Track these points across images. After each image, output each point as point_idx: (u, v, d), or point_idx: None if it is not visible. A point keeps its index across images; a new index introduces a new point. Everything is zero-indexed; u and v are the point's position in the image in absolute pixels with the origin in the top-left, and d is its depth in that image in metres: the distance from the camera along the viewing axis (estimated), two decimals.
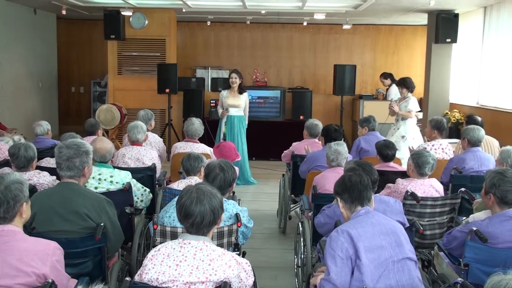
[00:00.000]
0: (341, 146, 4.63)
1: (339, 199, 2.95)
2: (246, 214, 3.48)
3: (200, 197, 2.48)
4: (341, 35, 12.72)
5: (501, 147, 5.12)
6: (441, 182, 4.60)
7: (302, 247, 4.26)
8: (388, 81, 10.60)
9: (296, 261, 4.66)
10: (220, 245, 3.15)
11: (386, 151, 4.88)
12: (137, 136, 5.34)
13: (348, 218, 2.89)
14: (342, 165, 4.53)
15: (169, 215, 3.27)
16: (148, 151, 5.33)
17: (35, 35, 11.12)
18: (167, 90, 10.04)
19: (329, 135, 5.43)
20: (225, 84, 8.48)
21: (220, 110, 8.25)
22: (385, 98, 10.84)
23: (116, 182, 4.11)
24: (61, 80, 12.73)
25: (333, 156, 4.57)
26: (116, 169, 4.25)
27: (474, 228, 3.16)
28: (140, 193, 4.40)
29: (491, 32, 9.07)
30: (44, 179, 4.16)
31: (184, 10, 10.05)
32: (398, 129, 7.38)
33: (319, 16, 10.13)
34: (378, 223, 2.79)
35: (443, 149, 5.86)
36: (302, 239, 4.28)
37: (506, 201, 3.17)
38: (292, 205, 6.03)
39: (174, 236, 3.04)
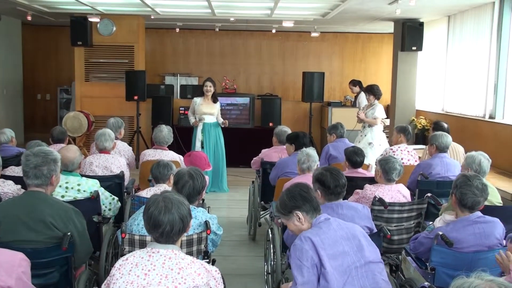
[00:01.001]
0: (312, 151, 4.69)
1: (299, 213, 2.89)
2: (215, 222, 3.47)
3: (168, 206, 2.46)
4: (310, 43, 12.84)
5: (466, 153, 5.23)
6: (408, 188, 4.67)
7: (271, 254, 4.26)
8: (356, 88, 10.73)
9: (266, 268, 4.66)
10: (190, 253, 3.13)
11: (355, 157, 4.94)
12: (105, 144, 5.27)
13: (300, 232, 2.87)
14: (312, 170, 4.58)
15: (138, 223, 3.23)
16: (116, 159, 5.27)
17: (0, 42, 10.90)
18: (136, 97, 9.95)
19: (297, 142, 5.47)
20: (198, 91, 8.43)
21: (192, 118, 8.19)
22: (353, 105, 10.97)
23: (84, 191, 4.05)
24: (26, 87, 12.50)
25: (305, 160, 4.61)
26: (83, 178, 4.19)
27: (440, 233, 3.22)
28: (108, 202, 4.34)
29: (455, 40, 9.29)
30: (8, 188, 4.07)
31: (152, 17, 10.00)
32: (365, 136, 7.49)
33: (288, 24, 10.21)
34: (339, 228, 2.81)
35: (409, 151, 6.00)
36: (271, 245, 4.28)
37: (464, 203, 3.27)
38: (262, 212, 6.03)
39: (142, 244, 3.01)
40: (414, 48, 9.78)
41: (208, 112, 8.10)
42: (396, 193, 4.28)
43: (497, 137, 7.49)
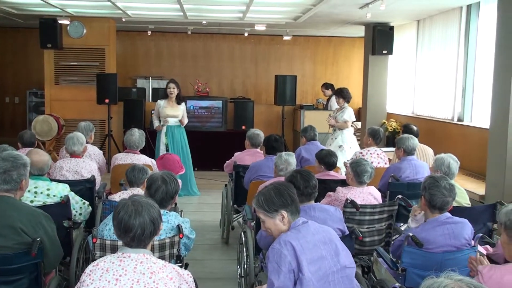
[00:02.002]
0: (291, 157, 4.71)
1: (284, 213, 2.84)
2: (188, 225, 3.45)
3: (138, 209, 2.45)
4: (282, 46, 12.89)
5: (435, 155, 5.32)
6: (379, 190, 4.73)
7: (245, 257, 4.26)
8: (329, 92, 10.81)
9: (239, 271, 4.65)
10: (162, 257, 3.11)
11: (332, 159, 5.01)
12: (73, 148, 5.19)
13: (277, 232, 2.85)
14: (284, 174, 4.60)
15: (109, 228, 3.20)
16: (87, 163, 5.20)
17: None
18: (107, 101, 9.85)
19: (269, 145, 5.50)
20: (163, 94, 8.36)
21: (156, 122, 8.12)
22: (325, 108, 11.06)
23: (54, 195, 3.99)
24: None
25: (283, 166, 4.63)
26: (53, 182, 4.13)
27: (410, 234, 3.27)
28: (79, 206, 4.28)
29: (424, 44, 9.45)
30: None
31: (123, 20, 9.91)
32: (335, 138, 7.57)
33: (260, 27, 10.24)
34: (317, 232, 2.82)
35: (378, 154, 6.08)
36: (245, 249, 4.28)
37: (433, 204, 3.33)
38: (235, 215, 6.03)
39: (114, 249, 2.98)
40: (384, 52, 9.91)
41: (172, 115, 8.03)
42: (368, 195, 4.33)
43: (465, 140, 7.64)
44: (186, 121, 8.22)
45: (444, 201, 3.32)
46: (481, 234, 3.52)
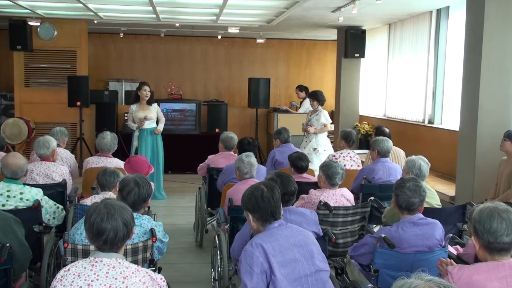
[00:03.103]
0: (252, 157, 4.70)
1: (250, 215, 2.91)
2: (161, 229, 3.43)
3: (111, 212, 2.42)
4: (255, 49, 12.92)
5: (406, 156, 5.40)
6: (352, 192, 4.77)
7: (219, 260, 4.25)
8: (303, 94, 10.87)
9: (213, 274, 4.64)
10: (135, 261, 3.08)
11: (300, 163, 5.00)
12: (39, 151, 5.09)
13: (259, 230, 2.90)
14: (254, 176, 4.60)
15: (81, 233, 3.15)
16: (58, 167, 5.12)
17: None
18: (78, 103, 9.73)
19: (242, 148, 5.50)
20: (134, 98, 8.25)
21: (132, 124, 8.04)
22: (297, 111, 11.14)
23: (27, 199, 3.93)
24: None
25: (247, 169, 4.61)
26: (26, 186, 4.07)
27: (383, 235, 3.30)
28: (53, 211, 4.23)
29: (395, 47, 9.58)
30: None
31: (95, 22, 9.81)
32: (309, 141, 7.60)
33: (233, 30, 10.25)
34: (291, 235, 2.82)
35: (351, 157, 6.13)
36: (218, 252, 4.27)
37: (399, 205, 3.39)
38: (208, 218, 6.01)
39: (86, 254, 2.94)
40: (357, 55, 10.02)
41: (144, 117, 7.96)
42: (340, 197, 4.36)
43: (436, 142, 7.76)
44: (162, 125, 8.13)
45: (409, 202, 3.35)
46: (451, 235, 3.57)
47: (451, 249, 3.52)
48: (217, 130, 10.42)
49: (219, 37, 11.95)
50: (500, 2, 5.38)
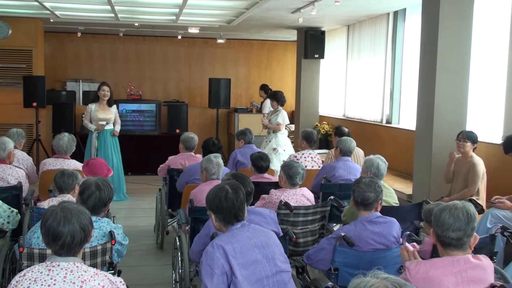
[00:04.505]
0: (220, 159, 4.69)
1: (212, 215, 2.91)
2: (121, 231, 3.39)
3: (68, 216, 2.37)
4: (216, 49, 12.89)
5: (365, 156, 5.48)
6: (312, 191, 4.82)
7: (180, 262, 4.23)
8: (264, 94, 10.91)
9: (174, 276, 4.61)
10: (94, 265, 3.03)
11: (261, 162, 5.02)
12: None
13: (221, 230, 2.89)
14: (220, 178, 4.58)
15: (37, 236, 3.09)
16: (14, 170, 4.99)
17: None
18: (35, 104, 9.50)
19: (207, 149, 5.47)
20: (93, 97, 8.15)
21: (90, 125, 7.90)
22: (259, 110, 11.16)
23: None
24: None
25: (215, 169, 4.60)
26: None
27: (342, 234, 3.34)
28: (7, 215, 4.11)
29: (354, 48, 9.72)
30: None
31: (52, 20, 9.60)
32: (269, 141, 7.65)
33: (193, 30, 10.21)
34: (253, 236, 2.82)
35: (312, 158, 6.19)
36: (179, 253, 4.25)
37: (356, 201, 3.45)
38: (169, 220, 5.97)
39: (42, 258, 2.88)
40: (316, 56, 10.12)
41: (104, 118, 7.86)
42: (301, 196, 4.39)
43: (393, 141, 7.91)
44: (119, 126, 8.06)
45: (364, 196, 3.40)
46: (408, 232, 3.65)
47: (408, 246, 3.59)
48: (177, 130, 10.36)
49: (179, 37, 11.88)
50: (454, 5, 5.52)
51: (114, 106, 8.06)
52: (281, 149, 7.52)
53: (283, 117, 7.66)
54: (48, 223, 2.36)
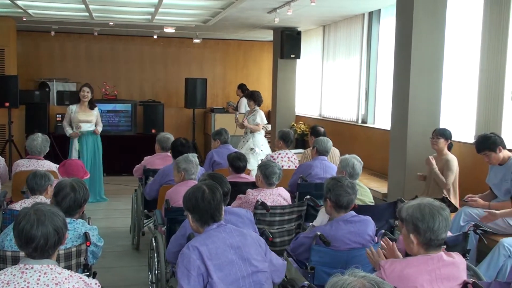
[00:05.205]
0: (196, 159, 4.67)
1: (189, 215, 2.90)
2: (96, 233, 3.35)
3: (41, 218, 2.33)
4: (192, 49, 12.83)
5: (341, 155, 5.52)
6: (289, 190, 4.84)
7: (156, 263, 4.20)
8: (242, 93, 10.93)
9: (150, 277, 4.57)
10: (68, 267, 3.00)
11: (238, 163, 5.02)
12: None
13: (199, 231, 2.89)
14: (197, 179, 4.57)
15: (10, 238, 3.04)
16: None
17: None
18: (7, 104, 9.36)
19: (176, 150, 5.42)
20: (74, 98, 8.07)
21: (69, 129, 7.80)
22: (235, 109, 11.18)
23: None
24: None
25: (194, 169, 4.58)
26: None
27: (319, 233, 3.36)
28: None
29: (330, 49, 9.78)
30: None
31: (24, 19, 9.45)
32: (247, 141, 7.65)
33: (169, 30, 10.15)
34: (229, 236, 2.81)
35: (289, 157, 6.22)
36: (156, 254, 4.22)
37: (340, 204, 3.44)
38: (145, 221, 5.92)
39: (15, 261, 2.83)
40: (292, 56, 10.15)
41: (84, 120, 7.76)
42: (277, 196, 4.41)
43: (369, 140, 7.98)
44: (100, 128, 7.97)
45: (350, 199, 3.45)
46: (383, 231, 3.69)
47: (383, 244, 3.62)
48: (153, 131, 10.31)
49: (155, 36, 11.80)
50: (428, 6, 5.60)
51: (96, 109, 7.99)
52: (258, 149, 7.54)
53: (261, 117, 7.68)
54: (21, 225, 2.32)
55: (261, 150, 7.54)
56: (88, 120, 7.79)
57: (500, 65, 5.54)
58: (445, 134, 5.29)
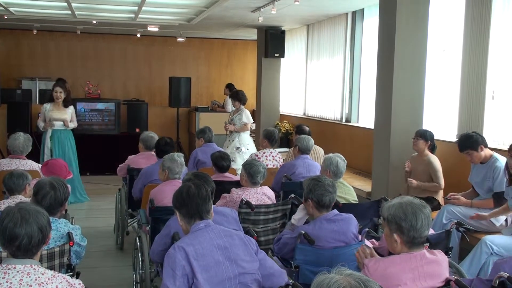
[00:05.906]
0: (182, 158, 4.66)
1: (177, 213, 2.91)
2: (79, 232, 3.33)
3: (25, 216, 2.32)
4: (176, 48, 12.79)
5: (325, 154, 5.54)
6: (273, 188, 4.85)
7: (140, 263, 4.18)
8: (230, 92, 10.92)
9: (134, 277, 4.56)
10: (51, 267, 2.98)
11: (222, 162, 5.01)
12: None
13: (188, 230, 2.88)
14: (181, 177, 4.55)
15: None
16: None
17: None
18: None
19: (159, 149, 5.40)
20: (49, 96, 7.95)
21: (41, 123, 7.72)
22: (221, 107, 11.20)
23: None
24: None
25: (179, 168, 4.57)
26: None
27: (303, 232, 3.37)
28: None
29: (314, 48, 9.82)
30: None
31: (5, 17, 9.33)
32: (232, 140, 7.64)
33: (153, 28, 10.11)
34: (216, 237, 2.78)
35: (274, 156, 6.23)
36: (140, 254, 4.21)
37: (322, 204, 3.45)
38: (129, 220, 5.89)
39: None
40: (277, 55, 10.17)
41: (58, 118, 7.66)
42: (262, 195, 4.41)
43: (352, 139, 8.03)
44: (74, 125, 7.87)
45: (331, 198, 3.46)
46: (367, 229, 3.70)
47: (367, 242, 3.65)
48: (137, 130, 10.25)
49: (139, 35, 11.73)
50: (411, 6, 5.64)
51: (71, 107, 7.86)
52: (244, 148, 7.54)
53: (247, 116, 7.67)
54: (4, 223, 2.30)
55: (247, 149, 7.53)
56: (62, 118, 7.67)
57: (482, 65, 5.60)
58: (425, 135, 5.34)
